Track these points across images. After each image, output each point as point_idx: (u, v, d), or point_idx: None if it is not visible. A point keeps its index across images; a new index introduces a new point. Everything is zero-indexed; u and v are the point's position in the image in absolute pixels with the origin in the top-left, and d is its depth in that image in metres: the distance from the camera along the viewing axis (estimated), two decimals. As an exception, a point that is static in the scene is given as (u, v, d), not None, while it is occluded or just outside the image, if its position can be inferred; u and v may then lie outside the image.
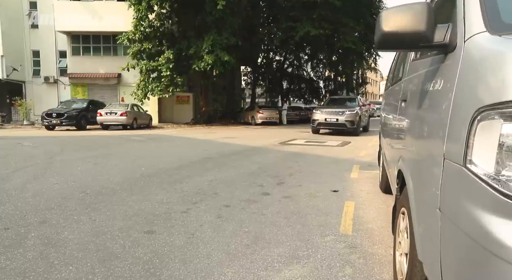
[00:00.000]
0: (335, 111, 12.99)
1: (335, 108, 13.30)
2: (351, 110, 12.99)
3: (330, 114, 12.90)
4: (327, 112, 13.04)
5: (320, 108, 14.07)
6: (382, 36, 1.25)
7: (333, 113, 12.89)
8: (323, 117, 12.96)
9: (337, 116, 12.73)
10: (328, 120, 12.83)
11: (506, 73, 0.82)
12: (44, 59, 25.99)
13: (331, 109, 13.24)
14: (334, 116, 12.76)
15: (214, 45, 17.23)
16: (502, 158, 0.79)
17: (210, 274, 2.03)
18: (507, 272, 0.75)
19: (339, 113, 12.78)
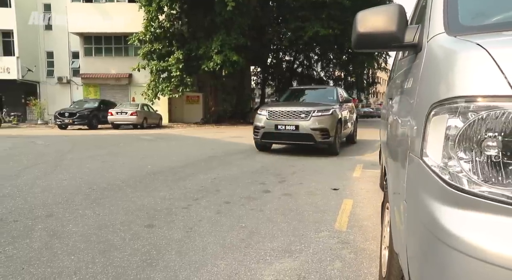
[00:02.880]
0: (294, 111, 6.97)
1: (296, 106, 7.26)
2: (324, 110, 6.99)
3: (284, 117, 7.00)
4: (279, 114, 7.07)
5: (269, 106, 7.70)
6: (357, 37, 1.31)
7: (290, 115, 6.97)
8: (272, 123, 7.02)
9: (297, 120, 6.87)
10: (281, 129, 6.95)
11: (453, 71, 0.88)
12: (58, 60, 26.55)
13: (287, 108, 7.11)
14: (291, 121, 6.91)
15: (223, 45, 17.39)
16: (447, 150, 0.86)
17: (203, 265, 2.11)
18: (457, 259, 0.80)
19: (301, 115, 6.88)
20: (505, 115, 0.77)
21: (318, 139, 6.72)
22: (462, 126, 0.82)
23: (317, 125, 6.73)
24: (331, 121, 6.84)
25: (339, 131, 7.25)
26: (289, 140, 7.14)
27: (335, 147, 7.13)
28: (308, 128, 6.73)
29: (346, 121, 8.10)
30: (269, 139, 7.30)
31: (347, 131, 8.34)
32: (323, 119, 6.78)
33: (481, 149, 0.81)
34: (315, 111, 6.83)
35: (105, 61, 24.39)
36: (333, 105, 7.31)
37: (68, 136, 12.64)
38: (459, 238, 0.79)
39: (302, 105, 7.54)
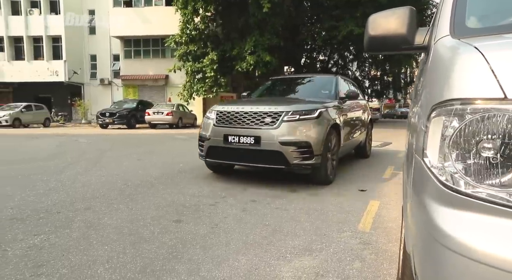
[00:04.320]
0: (254, 113, 4.14)
1: (260, 104, 4.33)
2: (305, 110, 4.08)
3: (239, 122, 4.18)
4: (232, 117, 4.25)
5: (221, 105, 4.72)
6: (369, 39, 1.34)
7: (249, 119, 4.13)
8: (221, 132, 4.26)
9: (258, 128, 4.04)
10: (233, 142, 4.12)
11: (451, 73, 0.90)
12: (100, 62, 28.00)
13: (245, 107, 4.26)
14: (249, 130, 4.08)
15: (256, 46, 17.56)
16: (443, 151, 0.87)
17: (225, 259, 2.20)
18: (451, 259, 0.82)
19: (265, 119, 4.05)
20: (496, 118, 0.79)
21: (292, 160, 3.82)
22: (457, 128, 0.84)
23: (290, 136, 3.83)
24: (316, 130, 3.95)
25: (334, 146, 4.36)
26: (246, 161, 4.14)
27: (325, 173, 4.12)
28: (275, 142, 3.82)
29: (351, 128, 5.29)
30: (217, 158, 4.31)
31: (352, 141, 5.44)
32: (302, 125, 3.90)
33: (475, 151, 0.82)
34: (289, 113, 3.91)
35: (144, 63, 25.40)
36: (325, 102, 4.43)
37: (108, 135, 13.33)
38: (453, 238, 0.81)
39: (271, 102, 4.48)
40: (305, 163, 3.94)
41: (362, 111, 6.35)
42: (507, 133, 0.78)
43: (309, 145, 3.91)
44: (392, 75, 29.19)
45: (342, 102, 5.00)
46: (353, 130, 5.54)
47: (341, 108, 4.90)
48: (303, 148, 3.90)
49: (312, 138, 3.95)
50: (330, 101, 4.70)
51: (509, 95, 0.76)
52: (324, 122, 4.14)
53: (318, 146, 3.97)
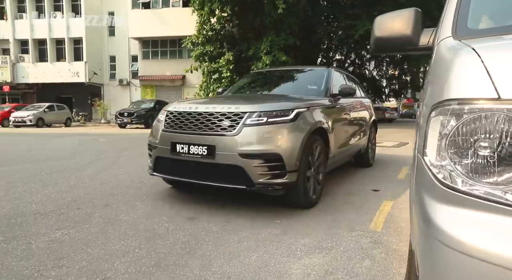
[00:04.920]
0: (209, 114, 3.11)
1: (219, 102, 3.38)
2: (275, 111, 3.05)
3: (190, 126, 3.17)
4: (183, 119, 3.25)
5: (177, 103, 3.61)
6: (375, 41, 1.37)
7: (202, 122, 3.11)
8: (169, 138, 3.26)
9: (213, 133, 3.03)
10: (182, 152, 3.11)
11: (449, 74, 0.92)
12: (119, 63, 28.60)
13: (200, 106, 3.26)
14: (201, 136, 3.06)
15: (272, 46, 17.57)
16: (441, 149, 0.90)
17: (236, 256, 2.26)
18: (448, 255, 0.84)
19: (223, 122, 3.03)
20: (490, 117, 0.81)
21: (257, 178, 2.89)
22: (454, 127, 0.87)
23: (254, 145, 2.90)
24: (291, 136, 2.99)
25: (318, 157, 3.42)
26: (197, 178, 3.15)
27: (304, 194, 3.17)
28: (233, 153, 2.91)
29: (347, 133, 4.42)
30: (165, 172, 3.41)
31: (349, 149, 4.54)
32: (271, 131, 2.95)
33: (472, 150, 0.85)
34: (254, 114, 2.99)
35: (161, 63, 25.81)
36: (310, 100, 3.58)
37: (126, 134, 13.64)
38: (449, 235, 0.84)
39: (235, 100, 3.61)
40: (274, 182, 2.88)
41: (363, 111, 5.38)
42: (501, 133, 0.80)
43: (280, 158, 2.87)
44: (410, 74, 28.69)
45: (334, 101, 4.05)
46: (350, 136, 4.58)
47: (332, 108, 3.95)
48: (272, 161, 2.87)
49: (284, 148, 2.90)
50: (317, 99, 3.78)
51: (503, 95, 0.79)
52: (303, 126, 3.11)
53: (292, 159, 2.92)
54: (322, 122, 3.50)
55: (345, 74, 5.25)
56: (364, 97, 5.88)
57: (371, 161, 5.85)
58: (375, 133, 6.26)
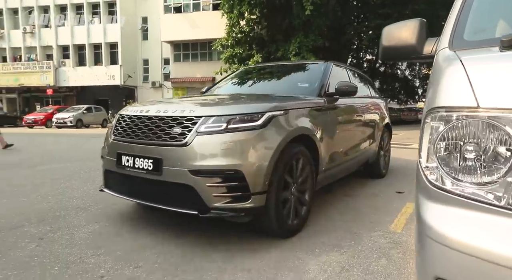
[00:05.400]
0: (160, 118, 2.50)
1: (177, 104, 2.74)
2: (240, 116, 2.38)
3: (137, 133, 2.57)
4: (132, 125, 2.66)
5: (134, 106, 2.92)
6: (382, 49, 1.47)
7: (151, 128, 2.50)
8: (114, 149, 2.70)
9: (161, 144, 2.41)
10: (127, 166, 2.53)
11: (440, 83, 1.01)
12: (152, 66, 29.61)
13: (151, 109, 2.63)
14: (147, 147, 2.47)
15: (300, 47, 17.60)
16: (430, 151, 0.99)
17: (258, 250, 2.40)
18: (437, 250, 0.93)
19: (173, 128, 2.40)
20: (473, 124, 0.90)
21: (213, 201, 2.27)
22: (441, 132, 0.96)
23: (209, 159, 2.28)
24: (257, 148, 2.35)
25: (301, 174, 2.80)
26: (144, 199, 2.61)
27: (277, 221, 2.51)
28: (182, 169, 2.30)
29: (349, 141, 3.78)
30: (115, 190, 2.81)
31: (351, 161, 3.86)
32: (231, 141, 2.30)
33: (458, 153, 0.94)
34: (211, 119, 2.37)
35: (192, 66, 26.47)
36: (291, 100, 2.97)
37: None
38: (436, 230, 0.93)
39: (194, 101, 3.10)
40: (235, 206, 2.26)
41: (372, 113, 4.63)
42: (481, 138, 0.89)
43: (241, 177, 2.24)
44: (445, 73, 27.62)
45: (330, 101, 3.33)
46: (353, 143, 3.90)
47: (327, 110, 3.26)
48: (232, 181, 2.25)
49: (248, 163, 2.26)
50: (305, 99, 3.12)
51: (481, 104, 0.87)
52: (277, 133, 2.44)
53: (259, 177, 2.30)
54: (307, 127, 2.83)
55: (350, 71, 4.55)
56: (375, 97, 5.15)
57: (383, 171, 5.01)
58: (389, 139, 5.45)
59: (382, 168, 5.01)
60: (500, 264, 0.79)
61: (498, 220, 0.85)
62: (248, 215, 2.40)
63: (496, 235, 0.83)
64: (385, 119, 5.17)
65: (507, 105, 0.85)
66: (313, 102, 3.13)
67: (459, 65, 0.97)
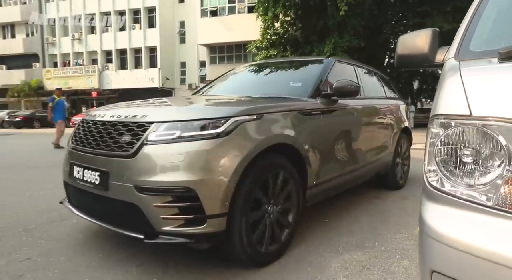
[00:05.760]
0: (112, 124, 2.18)
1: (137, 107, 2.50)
2: (203, 119, 2.01)
3: (89, 141, 2.27)
4: (86, 132, 2.36)
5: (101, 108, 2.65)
6: (398, 58, 1.54)
7: (104, 137, 2.17)
8: (68, 159, 2.43)
9: (107, 157, 2.08)
10: (78, 177, 2.25)
11: (441, 92, 1.09)
12: (189, 69, 30.55)
13: (111, 114, 2.28)
14: (96, 157, 2.16)
15: (335, 48, 17.44)
16: (431, 155, 1.07)
17: (282, 247, 2.52)
18: (440, 250, 0.99)
19: (122, 137, 2.07)
20: (466, 130, 0.97)
21: (161, 224, 1.88)
22: (439, 137, 1.04)
23: (157, 174, 1.90)
24: (214, 163, 1.92)
25: (279, 192, 2.35)
26: (94, 217, 2.24)
27: (245, 249, 2.08)
28: (128, 185, 1.95)
29: (347, 149, 3.18)
30: (72, 204, 2.51)
31: (357, 169, 3.38)
32: (183, 153, 1.89)
33: (453, 157, 1.01)
34: (163, 126, 1.99)
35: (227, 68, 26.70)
36: (271, 102, 2.62)
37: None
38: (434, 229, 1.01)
39: (155, 104, 2.67)
40: (188, 231, 1.90)
41: (386, 116, 4.13)
42: (475, 144, 0.96)
43: (194, 196, 1.87)
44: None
45: (327, 102, 2.90)
46: (357, 152, 3.40)
47: (321, 113, 2.81)
48: (183, 201, 1.89)
49: (202, 180, 1.88)
50: (293, 100, 2.75)
51: (474, 112, 0.95)
52: (243, 144, 2.05)
53: (216, 197, 1.91)
54: (288, 135, 2.40)
55: (361, 68, 4.03)
56: (391, 98, 4.59)
57: (400, 182, 4.42)
58: (408, 145, 4.84)
59: (398, 178, 4.41)
60: (488, 259, 0.87)
61: (487, 220, 0.92)
62: (206, 241, 2.02)
63: (485, 233, 0.91)
64: (403, 123, 4.58)
65: (498, 114, 0.92)
66: (300, 105, 2.68)
67: (457, 75, 1.04)
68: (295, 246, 2.55)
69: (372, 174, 3.90)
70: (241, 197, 2.03)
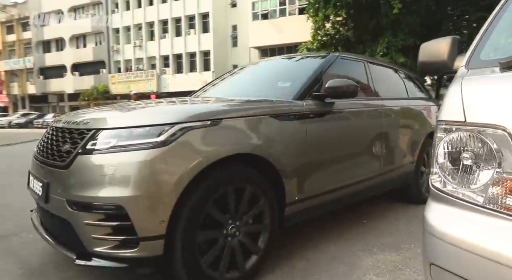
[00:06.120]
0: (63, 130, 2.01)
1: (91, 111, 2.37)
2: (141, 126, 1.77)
3: (44, 151, 2.08)
4: (45, 139, 2.18)
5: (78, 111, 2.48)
6: (419, 64, 1.64)
7: (54, 144, 2.02)
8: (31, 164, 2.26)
9: (50, 167, 1.94)
10: (32, 187, 2.13)
11: (446, 99, 1.19)
12: (241, 71, 31.23)
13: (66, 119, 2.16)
14: (42, 170, 2.03)
15: (389, 47, 16.89)
16: (434, 157, 1.18)
17: (317, 245, 2.67)
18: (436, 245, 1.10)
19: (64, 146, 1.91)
20: (462, 135, 1.08)
21: (93, 244, 1.70)
22: (440, 141, 1.15)
23: (86, 189, 1.71)
24: (150, 176, 1.67)
25: (246, 210, 2.04)
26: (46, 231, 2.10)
27: (191, 276, 1.81)
28: (61, 199, 1.79)
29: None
30: None
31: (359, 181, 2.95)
32: (112, 165, 1.69)
33: (452, 160, 1.12)
34: (99, 134, 1.78)
35: (278, 70, 27.17)
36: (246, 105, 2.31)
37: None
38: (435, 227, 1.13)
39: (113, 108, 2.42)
40: (119, 254, 1.70)
41: (405, 120, 3.66)
42: (470, 148, 1.07)
43: (124, 214, 1.65)
44: None
45: (317, 105, 2.54)
46: (361, 164, 3.01)
47: (305, 117, 2.42)
48: (113, 219, 1.69)
49: (133, 196, 1.66)
50: (269, 103, 2.38)
51: (468, 119, 1.06)
52: (188, 154, 1.79)
53: (151, 217, 1.69)
54: (256, 144, 2.07)
55: (374, 65, 3.55)
56: (416, 98, 4.06)
57: (425, 195, 3.74)
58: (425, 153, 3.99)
59: (424, 190, 3.83)
60: (480, 255, 0.98)
61: (479, 218, 1.02)
62: (142, 266, 1.78)
63: (477, 230, 1.01)
64: (431, 127, 3.96)
65: (490, 120, 1.02)
66: (276, 108, 2.30)
67: (459, 84, 1.15)
68: (330, 243, 2.69)
69: (386, 186, 3.44)
70: (185, 217, 1.74)
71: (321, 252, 2.55)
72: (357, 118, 3.03)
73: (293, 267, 2.32)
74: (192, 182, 1.75)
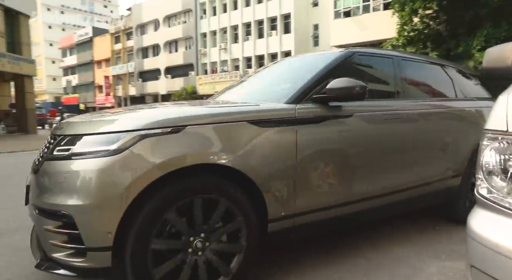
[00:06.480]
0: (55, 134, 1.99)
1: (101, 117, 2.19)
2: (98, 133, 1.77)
3: None
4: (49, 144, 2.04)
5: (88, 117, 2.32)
6: (483, 70, 1.63)
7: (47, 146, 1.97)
8: None
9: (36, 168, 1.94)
10: None
11: (493, 108, 1.22)
12: (321, 71, 30.93)
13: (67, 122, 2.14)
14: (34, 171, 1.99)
15: (488, 40, 15.15)
16: (479, 165, 1.22)
17: (380, 246, 2.72)
18: (477, 248, 1.16)
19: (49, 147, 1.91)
20: (506, 145, 1.12)
21: (51, 250, 1.74)
22: (485, 149, 1.20)
23: (45, 195, 1.78)
24: (101, 185, 1.64)
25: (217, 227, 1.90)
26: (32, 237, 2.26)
27: None
28: (31, 203, 1.94)
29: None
30: None
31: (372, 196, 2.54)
32: (67, 172, 1.71)
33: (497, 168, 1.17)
34: (65, 140, 1.81)
35: (360, 68, 26.28)
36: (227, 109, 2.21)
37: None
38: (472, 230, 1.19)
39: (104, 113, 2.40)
40: (70, 262, 1.70)
41: (447, 124, 3.14)
42: (512, 156, 1.11)
43: (72, 223, 1.65)
44: None
45: (319, 109, 2.27)
46: (378, 176, 2.61)
47: (297, 124, 2.14)
48: (65, 227, 1.70)
49: (81, 205, 1.65)
50: (260, 107, 2.19)
51: (510, 128, 1.10)
52: (139, 165, 1.68)
53: (98, 227, 1.66)
54: (227, 153, 1.88)
55: (407, 62, 3.07)
56: (466, 99, 3.40)
57: (461, 206, 3.21)
58: None
59: (464, 207, 3.19)
60: None
61: None
62: (91, 277, 1.76)
63: None
64: (477, 132, 3.15)
65: None
66: (258, 113, 2.08)
67: (506, 94, 1.18)
68: (397, 246, 2.71)
69: (417, 202, 3.00)
70: (138, 224, 1.66)
71: (384, 252, 2.60)
72: (373, 124, 2.60)
73: (350, 265, 2.43)
74: (145, 192, 1.67)
